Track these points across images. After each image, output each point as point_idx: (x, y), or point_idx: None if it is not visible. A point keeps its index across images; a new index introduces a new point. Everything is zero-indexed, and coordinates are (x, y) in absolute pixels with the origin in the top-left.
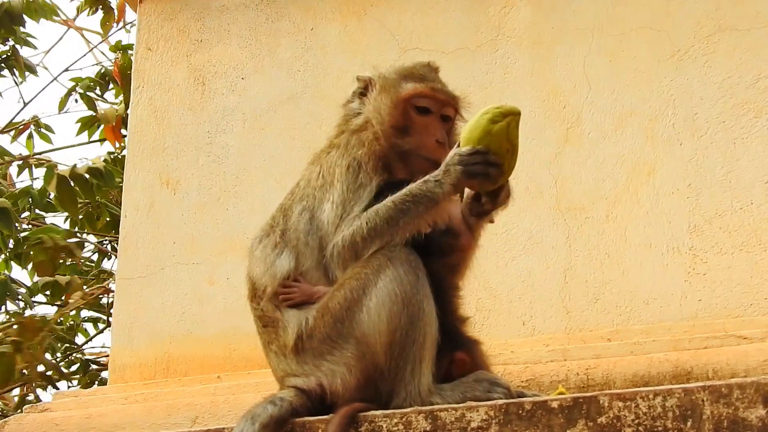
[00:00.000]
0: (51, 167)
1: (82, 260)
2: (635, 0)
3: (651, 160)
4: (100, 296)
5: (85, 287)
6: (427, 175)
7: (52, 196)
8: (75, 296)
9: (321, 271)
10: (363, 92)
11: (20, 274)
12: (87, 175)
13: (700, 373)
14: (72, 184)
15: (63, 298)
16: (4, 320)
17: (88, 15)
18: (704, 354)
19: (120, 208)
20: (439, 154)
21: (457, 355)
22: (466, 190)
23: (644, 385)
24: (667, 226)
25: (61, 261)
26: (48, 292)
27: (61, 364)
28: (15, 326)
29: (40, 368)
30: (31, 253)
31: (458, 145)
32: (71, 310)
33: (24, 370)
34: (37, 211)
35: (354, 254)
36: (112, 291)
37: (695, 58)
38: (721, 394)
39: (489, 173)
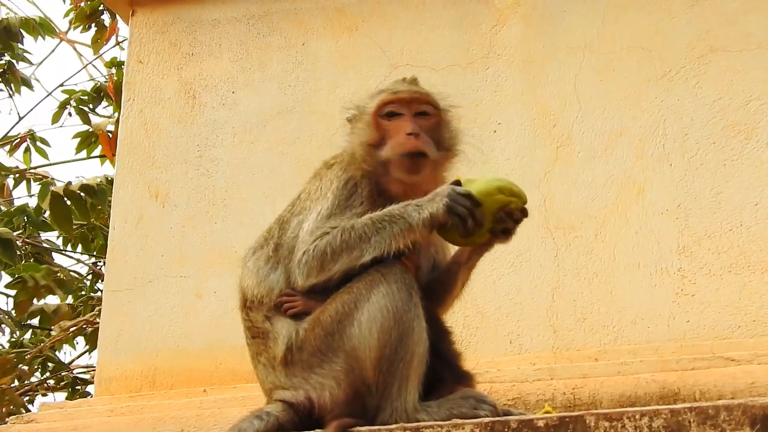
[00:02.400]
0: (46, 184)
1: (77, 277)
2: (626, 19)
3: (640, 180)
4: (84, 327)
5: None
6: (411, 171)
7: (47, 214)
8: (56, 328)
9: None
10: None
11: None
12: (81, 193)
13: (687, 394)
14: (66, 202)
15: (50, 324)
16: None
17: (81, 32)
18: (691, 375)
19: None
20: (412, 145)
21: (459, 389)
22: None
23: (631, 406)
24: (656, 247)
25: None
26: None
27: (50, 381)
28: None
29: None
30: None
31: (457, 183)
32: (52, 342)
33: None
34: (31, 229)
35: (320, 264)
36: (96, 324)
37: (686, 79)
38: (708, 416)
39: (467, 222)
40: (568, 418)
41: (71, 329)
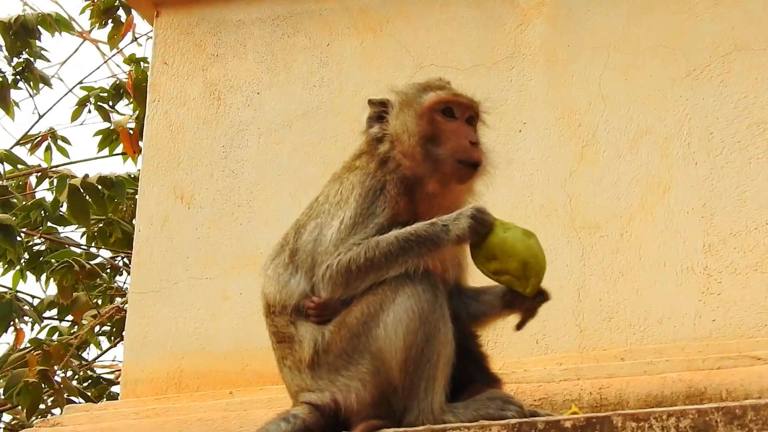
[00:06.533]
0: (63, 176)
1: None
2: (651, 19)
3: (666, 179)
4: (113, 316)
5: (98, 302)
6: (463, 178)
7: (64, 209)
8: (87, 315)
9: None
10: (381, 115)
11: (33, 286)
12: (99, 186)
13: (714, 393)
14: (84, 195)
15: (71, 315)
16: (20, 344)
17: (98, 28)
18: (718, 374)
19: (132, 225)
20: (475, 154)
21: (486, 390)
22: None
23: (657, 405)
24: (682, 246)
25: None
26: (55, 310)
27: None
28: (38, 352)
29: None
30: (53, 278)
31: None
32: (85, 330)
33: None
34: (50, 224)
35: (345, 281)
36: (124, 310)
37: (711, 78)
38: (735, 416)
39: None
40: (595, 419)
41: (101, 317)
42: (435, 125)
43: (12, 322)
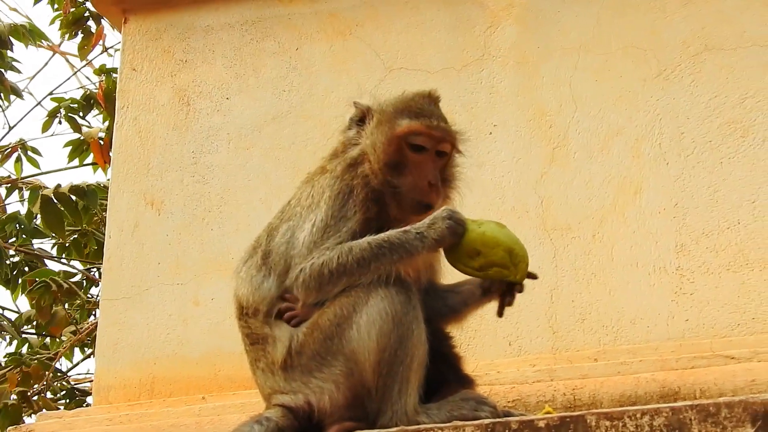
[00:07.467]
0: (35, 188)
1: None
2: (621, 19)
3: (637, 179)
4: (92, 332)
5: (76, 319)
6: (416, 214)
7: (39, 221)
8: (66, 332)
9: None
10: (360, 121)
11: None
12: (72, 196)
13: (688, 392)
14: (58, 206)
15: (49, 330)
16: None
17: (68, 39)
18: (691, 374)
19: None
20: (430, 198)
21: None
22: None
23: (631, 405)
24: (654, 246)
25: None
26: (34, 324)
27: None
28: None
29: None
30: (31, 297)
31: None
32: (66, 348)
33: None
34: (24, 236)
35: (318, 285)
36: None
37: (681, 78)
38: (709, 413)
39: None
40: (569, 418)
41: (81, 334)
42: (401, 154)
43: None
